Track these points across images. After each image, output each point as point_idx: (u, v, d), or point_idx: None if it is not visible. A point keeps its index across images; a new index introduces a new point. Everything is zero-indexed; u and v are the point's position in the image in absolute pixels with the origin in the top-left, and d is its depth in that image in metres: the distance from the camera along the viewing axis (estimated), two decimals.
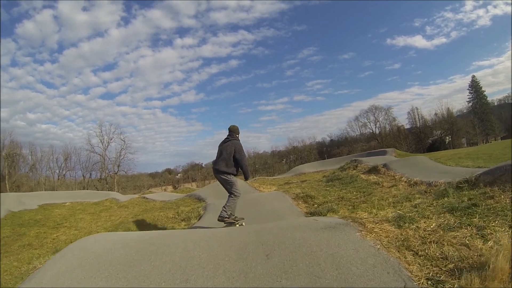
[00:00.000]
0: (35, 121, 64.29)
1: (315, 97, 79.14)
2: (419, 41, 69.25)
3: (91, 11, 67.58)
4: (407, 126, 53.96)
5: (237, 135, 4.99)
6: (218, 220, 4.70)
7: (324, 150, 62.03)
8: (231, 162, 4.71)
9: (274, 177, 20.16)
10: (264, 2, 72.93)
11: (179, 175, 74.29)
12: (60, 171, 52.59)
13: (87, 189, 53.67)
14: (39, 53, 65.52)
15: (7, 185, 44.16)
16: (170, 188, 62.90)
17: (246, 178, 5.09)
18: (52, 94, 66.77)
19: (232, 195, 4.76)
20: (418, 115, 52.34)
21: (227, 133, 5.04)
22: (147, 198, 12.68)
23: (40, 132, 63.21)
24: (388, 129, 55.08)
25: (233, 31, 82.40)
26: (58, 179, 52.79)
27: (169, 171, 75.31)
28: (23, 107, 63.30)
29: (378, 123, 55.63)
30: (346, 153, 43.82)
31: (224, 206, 4.71)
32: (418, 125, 51.65)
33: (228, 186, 4.78)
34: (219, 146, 4.93)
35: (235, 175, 4.84)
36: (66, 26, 65.09)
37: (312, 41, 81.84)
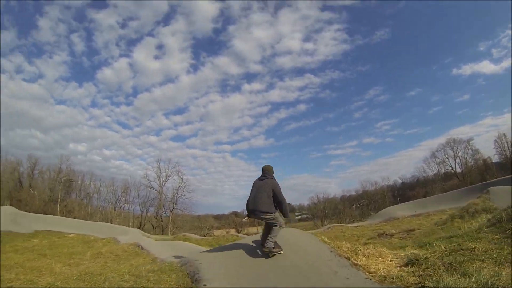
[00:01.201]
0: (110, 157, 71.04)
1: (384, 138, 77.05)
2: (486, 67, 64.21)
3: (162, 59, 76.34)
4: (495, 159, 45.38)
5: (272, 176, 4.96)
6: (265, 251, 4.59)
7: (396, 194, 57.50)
8: (270, 201, 4.64)
9: (355, 225, 16.90)
10: (326, 44, 75.28)
11: (245, 218, 71.91)
12: (117, 203, 53.76)
13: (144, 225, 54.05)
14: (115, 96, 77.63)
15: (58, 207, 45.31)
16: (232, 230, 63.65)
17: (286, 217, 4.97)
18: (126, 134, 73.76)
19: (276, 226, 4.67)
20: (507, 143, 43.24)
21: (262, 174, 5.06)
22: (141, 248, 9.52)
23: (114, 168, 69.02)
24: (471, 164, 46.22)
25: (299, 75, 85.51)
26: (115, 210, 53.60)
27: (235, 213, 74.35)
28: (100, 144, 71.38)
29: (457, 158, 47.39)
30: (423, 195, 37.71)
31: (269, 236, 4.62)
32: (509, 154, 42.93)
33: (271, 222, 4.69)
34: (254, 186, 4.87)
35: (274, 212, 4.73)
36: (140, 73, 75.65)
37: (377, 80, 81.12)
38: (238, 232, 56.10)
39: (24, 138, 58.25)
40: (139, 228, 52.62)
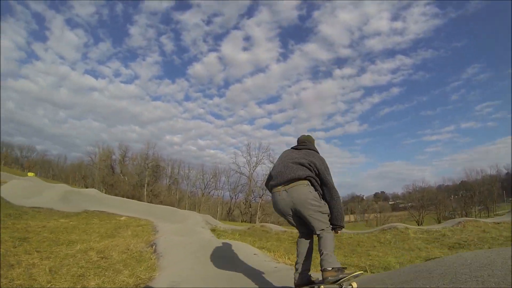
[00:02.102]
0: (205, 147, 75.70)
1: (485, 122, 68.87)
2: None
3: (251, 50, 78.80)
4: None
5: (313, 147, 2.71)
6: (328, 281, 2.04)
7: (504, 185, 51.02)
8: (315, 177, 2.36)
9: (492, 220, 12.72)
10: (416, 20, 67.79)
11: None
12: (206, 189, 53.06)
13: (233, 211, 50.69)
14: (208, 89, 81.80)
15: (145, 191, 45.35)
16: None
17: (338, 224, 2.39)
18: (220, 124, 77.81)
19: (325, 232, 2.27)
20: None
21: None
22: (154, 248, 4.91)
23: (208, 156, 73.46)
24: None
25: (390, 57, 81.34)
26: (203, 195, 52.16)
27: None
28: (195, 134, 77.69)
29: None
30: None
31: (324, 253, 2.16)
32: None
33: (320, 217, 2.29)
34: (281, 157, 2.60)
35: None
36: (230, 65, 78.26)
37: (475, 57, 71.58)
38: None
39: (125, 133, 64.30)
40: (228, 213, 50.18)
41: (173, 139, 71.95)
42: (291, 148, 2.69)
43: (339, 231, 2.41)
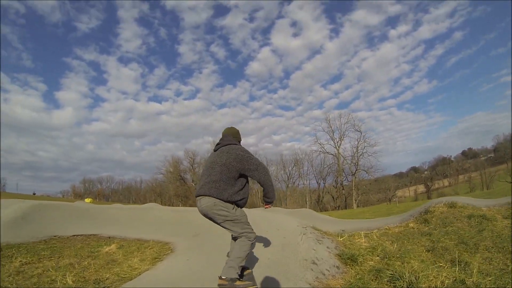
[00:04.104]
0: (280, 141, 74.86)
1: None
2: None
3: (301, 34, 75.79)
4: None
5: (238, 141, 2.83)
6: (220, 285, 2.30)
7: None
8: (228, 181, 2.47)
9: None
10: None
11: (425, 172, 62.86)
12: (290, 179, 46.67)
13: (322, 197, 42.74)
14: (270, 84, 78.75)
15: None
16: (421, 187, 56.69)
17: (270, 201, 2.61)
18: (290, 116, 77.40)
19: (242, 238, 2.50)
20: None
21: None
22: None
23: (285, 150, 72.58)
24: None
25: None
26: (287, 187, 46.09)
27: (414, 169, 67.13)
28: (268, 131, 77.23)
29: None
30: None
31: (229, 259, 2.43)
32: None
33: (231, 226, 2.50)
34: (207, 160, 2.78)
35: (239, 205, 2.57)
36: (285, 55, 75.68)
37: None
38: (429, 189, 50.41)
39: (200, 145, 64.92)
40: (318, 202, 42.23)
41: (248, 141, 71.50)
42: (216, 147, 2.74)
43: (269, 206, 2.62)
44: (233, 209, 2.48)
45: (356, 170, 39.82)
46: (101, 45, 78.95)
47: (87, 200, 30.45)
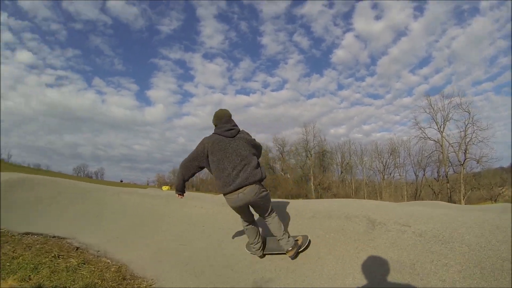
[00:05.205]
0: (370, 131, 66.48)
1: None
2: None
3: (383, 16, 67.34)
4: None
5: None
6: (293, 255, 2.68)
7: None
8: (256, 162, 2.68)
9: None
10: None
11: None
12: (386, 170, 40.95)
13: (420, 191, 37.34)
14: (357, 72, 72.90)
15: (312, 185, 39.60)
16: None
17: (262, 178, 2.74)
18: (379, 104, 71.10)
19: (272, 213, 2.80)
20: None
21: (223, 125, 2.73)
22: None
23: (375, 140, 52.17)
24: None
25: None
26: (383, 179, 42.05)
27: None
28: (358, 121, 70.65)
29: None
30: None
31: (279, 237, 2.70)
32: None
33: (267, 205, 2.75)
34: (220, 149, 2.59)
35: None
36: (369, 40, 69.16)
37: None
38: None
39: (290, 136, 60.46)
40: (415, 197, 36.80)
41: (338, 131, 67.00)
42: (220, 134, 2.64)
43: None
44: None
45: (466, 159, 32.99)
46: (185, 44, 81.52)
47: (164, 188, 28.71)
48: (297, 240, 2.78)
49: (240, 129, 2.76)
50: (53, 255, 3.31)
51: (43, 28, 71.64)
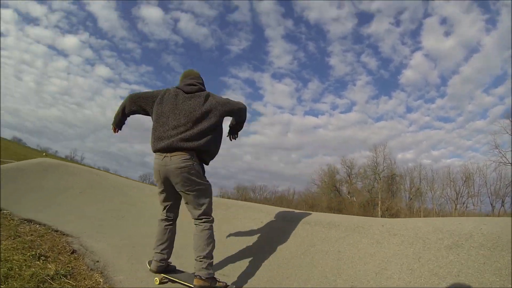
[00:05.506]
0: (439, 157, 65.58)
1: None
2: None
3: (453, 32, 63.88)
4: None
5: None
6: (199, 287, 1.86)
7: None
8: (210, 131, 2.08)
9: None
10: None
11: None
12: (459, 198, 38.34)
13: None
14: (426, 93, 67.78)
15: (379, 211, 38.49)
16: None
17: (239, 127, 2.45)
18: (450, 128, 65.10)
19: (204, 220, 2.05)
20: None
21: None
22: None
23: (445, 167, 56.65)
24: None
25: None
26: (455, 209, 39.13)
27: None
28: (426, 146, 68.49)
29: None
30: None
31: (201, 256, 1.93)
32: None
33: (200, 199, 2.06)
34: (168, 101, 2.13)
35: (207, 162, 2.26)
36: (439, 58, 64.80)
37: None
38: None
39: (356, 159, 59.07)
40: None
41: (406, 156, 65.14)
42: (179, 88, 2.20)
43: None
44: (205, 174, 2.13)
45: None
46: (253, 64, 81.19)
47: None
48: (218, 280, 1.96)
49: (209, 92, 2.18)
50: (33, 253, 2.21)
51: (120, 47, 78.09)
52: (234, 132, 2.47)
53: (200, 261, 1.94)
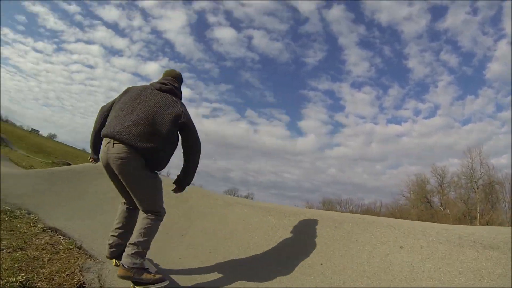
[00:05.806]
0: None
1: None
2: None
3: None
4: None
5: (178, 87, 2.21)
6: (120, 274, 1.74)
7: None
8: (160, 135, 1.89)
9: None
10: None
11: None
12: None
13: None
14: None
15: (477, 223, 32.74)
16: None
17: (185, 183, 2.13)
18: None
19: (151, 215, 1.94)
20: None
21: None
22: None
23: None
24: None
25: None
26: None
27: None
28: None
29: None
30: None
31: (130, 243, 1.83)
32: None
33: (144, 193, 1.95)
34: (132, 92, 2.06)
35: (157, 168, 2.03)
36: None
37: None
38: None
39: (443, 168, 54.39)
40: None
41: (500, 161, 59.41)
42: (146, 86, 2.10)
43: (181, 191, 2.18)
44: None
45: None
46: (331, 74, 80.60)
47: None
48: (148, 269, 1.83)
49: (182, 102, 2.05)
50: (12, 280, 1.58)
51: (198, 68, 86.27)
52: (182, 182, 2.09)
53: (128, 247, 1.80)
